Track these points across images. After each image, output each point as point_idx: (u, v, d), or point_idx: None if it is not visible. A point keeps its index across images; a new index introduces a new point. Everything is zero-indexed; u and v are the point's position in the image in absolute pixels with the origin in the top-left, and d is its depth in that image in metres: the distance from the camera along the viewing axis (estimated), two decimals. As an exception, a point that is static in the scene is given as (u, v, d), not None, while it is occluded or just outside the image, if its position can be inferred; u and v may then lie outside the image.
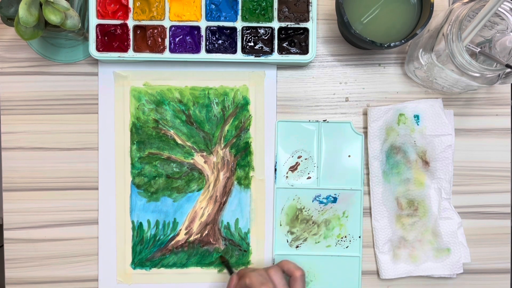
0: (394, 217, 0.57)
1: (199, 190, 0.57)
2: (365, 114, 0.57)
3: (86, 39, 0.55)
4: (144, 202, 0.57)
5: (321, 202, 0.57)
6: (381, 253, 0.56)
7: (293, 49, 0.54)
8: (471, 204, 0.58)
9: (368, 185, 0.57)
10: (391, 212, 0.57)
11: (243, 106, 0.57)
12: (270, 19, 0.54)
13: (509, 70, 0.45)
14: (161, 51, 0.54)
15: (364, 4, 0.51)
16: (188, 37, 0.54)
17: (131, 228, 0.57)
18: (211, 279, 0.57)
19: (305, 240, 0.57)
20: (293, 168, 0.57)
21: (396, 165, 0.57)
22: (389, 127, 0.56)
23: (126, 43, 0.54)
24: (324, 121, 0.57)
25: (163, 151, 0.57)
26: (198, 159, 0.57)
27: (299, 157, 0.57)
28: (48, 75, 0.56)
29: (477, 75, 0.47)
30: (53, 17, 0.45)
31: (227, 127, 0.57)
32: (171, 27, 0.54)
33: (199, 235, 0.57)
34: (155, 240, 0.57)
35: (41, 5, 0.45)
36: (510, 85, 0.59)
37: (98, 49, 0.53)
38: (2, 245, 0.60)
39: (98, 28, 0.53)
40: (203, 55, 0.54)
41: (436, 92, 0.57)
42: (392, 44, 0.49)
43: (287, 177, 0.57)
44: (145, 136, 0.56)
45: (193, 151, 0.57)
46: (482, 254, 0.58)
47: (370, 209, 0.57)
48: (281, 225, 0.57)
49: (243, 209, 0.57)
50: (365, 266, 0.57)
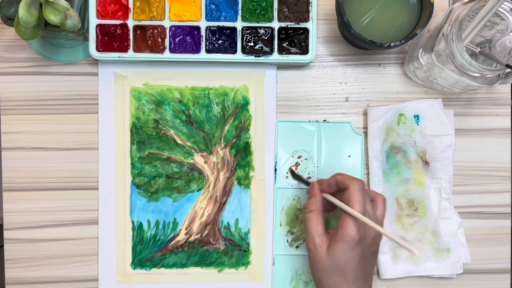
0: (394, 217, 0.57)
1: (199, 190, 0.57)
2: (365, 114, 0.57)
3: (86, 39, 0.55)
4: (144, 202, 0.57)
5: (321, 202, 0.57)
6: (381, 253, 0.56)
7: (293, 49, 0.54)
8: (471, 204, 0.58)
9: (368, 185, 0.57)
10: (391, 212, 0.57)
11: (243, 106, 0.57)
12: (270, 19, 0.54)
13: (509, 70, 0.45)
14: (161, 51, 0.54)
15: (364, 4, 0.51)
16: (188, 37, 0.54)
17: (131, 228, 0.57)
18: (211, 279, 0.57)
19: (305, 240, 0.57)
20: (294, 167, 0.57)
21: (396, 165, 0.57)
22: (389, 127, 0.56)
23: (126, 43, 0.54)
24: (324, 121, 0.57)
25: (163, 151, 0.57)
26: (198, 159, 0.57)
27: (299, 157, 0.57)
28: (48, 75, 0.56)
29: (477, 75, 0.47)
30: (53, 17, 0.45)
31: (227, 127, 0.57)
32: (171, 27, 0.54)
33: (199, 235, 0.57)
34: (155, 240, 0.57)
35: (41, 5, 0.45)
36: (510, 85, 0.59)
37: (98, 49, 0.53)
38: (2, 245, 0.60)
39: (98, 28, 0.53)
40: (203, 55, 0.54)
41: (436, 92, 0.57)
42: (392, 44, 0.49)
43: (287, 177, 0.57)
44: (145, 136, 0.56)
45: (193, 151, 0.57)
46: (482, 254, 0.58)
47: (370, 209, 0.57)
48: (281, 225, 0.57)
49: (243, 209, 0.57)
50: (365, 266, 0.57)
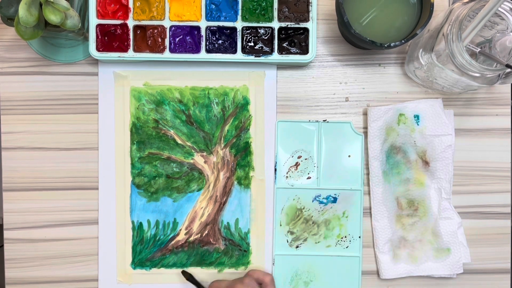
0: (394, 217, 0.57)
1: (199, 190, 0.57)
2: (365, 114, 0.57)
3: (86, 39, 0.55)
4: (144, 202, 0.57)
5: (321, 202, 0.57)
6: (381, 253, 0.56)
7: (293, 49, 0.54)
8: (471, 204, 0.58)
9: (368, 185, 0.57)
10: (391, 212, 0.57)
11: (243, 106, 0.57)
12: (270, 19, 0.54)
13: (509, 70, 0.45)
14: (161, 51, 0.54)
15: (364, 4, 0.51)
16: (188, 37, 0.54)
17: (131, 228, 0.57)
18: (211, 279, 0.57)
19: (305, 240, 0.57)
20: (294, 167, 0.57)
21: (396, 165, 0.57)
22: (389, 127, 0.56)
23: (126, 43, 0.54)
24: (324, 121, 0.57)
25: (163, 151, 0.57)
26: (198, 159, 0.57)
27: (299, 157, 0.57)
28: (48, 75, 0.56)
29: (477, 75, 0.47)
30: (53, 17, 0.45)
31: (227, 127, 0.57)
32: (171, 27, 0.54)
33: (199, 235, 0.57)
34: (155, 240, 0.57)
35: (41, 5, 0.45)
36: (510, 85, 0.59)
37: (98, 49, 0.53)
38: (2, 245, 0.60)
39: (98, 28, 0.53)
40: (203, 55, 0.54)
41: (436, 92, 0.57)
42: (392, 44, 0.49)
43: (287, 177, 0.57)
44: (145, 136, 0.56)
45: (193, 151, 0.57)
46: (482, 254, 0.58)
47: (370, 209, 0.57)
48: (281, 225, 0.57)
49: (243, 209, 0.57)
50: (365, 266, 0.57)
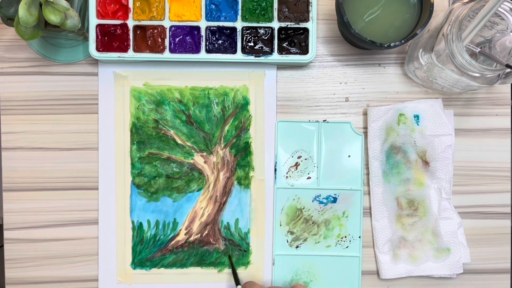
0: (394, 217, 0.57)
1: (199, 190, 0.57)
2: (365, 114, 0.57)
3: (86, 39, 0.55)
4: (144, 202, 0.57)
5: (321, 202, 0.57)
6: (381, 253, 0.56)
7: (293, 49, 0.54)
8: (471, 204, 0.58)
9: (368, 185, 0.57)
10: (391, 212, 0.57)
11: (243, 106, 0.57)
12: (270, 19, 0.54)
13: (509, 70, 0.45)
14: (161, 51, 0.54)
15: (364, 4, 0.51)
16: (188, 37, 0.54)
17: (131, 228, 0.57)
18: (211, 279, 0.57)
19: (305, 240, 0.57)
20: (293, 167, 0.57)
21: (396, 165, 0.57)
22: (389, 127, 0.56)
23: (126, 43, 0.54)
24: (324, 121, 0.57)
25: (163, 151, 0.57)
26: (198, 159, 0.57)
27: (299, 157, 0.57)
28: (48, 75, 0.56)
29: (477, 75, 0.47)
30: (53, 17, 0.45)
31: (227, 127, 0.57)
32: (171, 27, 0.54)
33: (199, 235, 0.57)
34: (155, 240, 0.57)
35: (41, 5, 0.45)
36: (510, 85, 0.59)
37: (98, 49, 0.53)
38: (2, 245, 0.60)
39: (98, 28, 0.53)
40: (203, 55, 0.54)
41: (436, 92, 0.57)
42: (392, 44, 0.49)
43: (287, 177, 0.57)
44: (145, 136, 0.56)
45: (193, 151, 0.57)
46: (482, 254, 0.58)
47: (370, 209, 0.57)
48: (281, 225, 0.57)
49: (243, 209, 0.57)
50: (365, 266, 0.57)
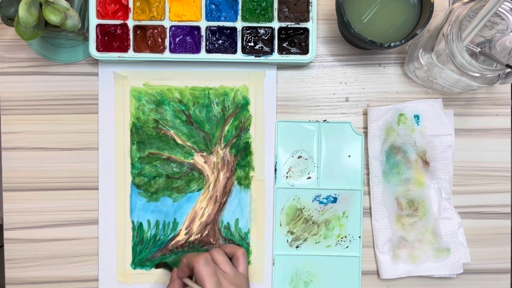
0: (394, 217, 0.57)
1: (199, 190, 0.57)
2: (365, 114, 0.57)
3: (86, 39, 0.55)
4: (144, 202, 0.57)
5: (321, 202, 0.57)
6: (381, 253, 0.56)
7: (293, 49, 0.54)
8: (471, 204, 0.58)
9: (368, 185, 0.57)
10: (391, 212, 0.57)
11: (243, 106, 0.57)
12: (270, 19, 0.54)
13: (509, 70, 0.45)
14: (161, 51, 0.54)
15: (364, 4, 0.51)
16: (188, 37, 0.54)
17: (131, 228, 0.57)
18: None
19: (305, 240, 0.57)
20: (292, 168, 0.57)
21: (396, 165, 0.57)
22: (389, 127, 0.56)
23: (126, 43, 0.54)
24: (324, 121, 0.57)
25: (163, 151, 0.57)
26: (198, 159, 0.57)
27: (299, 157, 0.57)
28: (48, 75, 0.56)
29: (477, 75, 0.47)
30: (53, 17, 0.45)
31: (227, 127, 0.57)
32: (171, 27, 0.54)
33: (199, 235, 0.57)
34: (155, 240, 0.57)
35: (41, 5, 0.45)
36: (510, 85, 0.59)
37: (98, 49, 0.53)
38: (2, 245, 0.60)
39: (98, 28, 0.53)
40: (203, 55, 0.54)
41: (436, 92, 0.57)
42: (392, 44, 0.49)
43: (287, 177, 0.57)
44: (145, 136, 0.56)
45: (193, 151, 0.57)
46: (482, 254, 0.58)
47: (370, 209, 0.57)
48: (281, 225, 0.57)
49: (243, 209, 0.57)
50: (365, 266, 0.57)
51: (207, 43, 0.54)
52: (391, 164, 0.57)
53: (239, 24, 0.54)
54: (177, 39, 0.54)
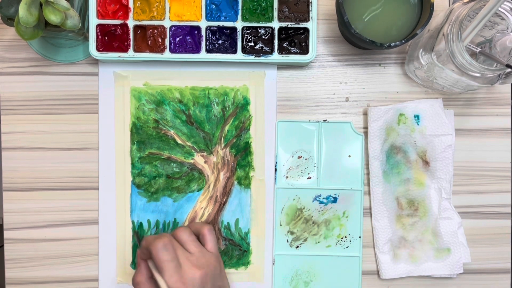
0: (394, 217, 0.57)
1: (199, 190, 0.57)
2: (365, 114, 0.57)
3: (86, 39, 0.55)
4: (144, 202, 0.57)
5: (321, 202, 0.57)
6: (381, 253, 0.56)
7: (293, 49, 0.54)
8: (471, 204, 0.58)
9: (368, 185, 0.57)
10: (391, 212, 0.57)
11: (243, 106, 0.57)
12: (270, 19, 0.54)
13: (509, 70, 0.45)
14: (161, 51, 0.54)
15: (364, 4, 0.51)
16: (188, 37, 0.54)
17: (131, 228, 0.57)
18: (211, 279, 0.57)
19: (305, 240, 0.57)
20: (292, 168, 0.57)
21: (396, 165, 0.57)
22: (389, 127, 0.56)
23: (126, 43, 0.54)
24: (324, 121, 0.57)
25: (163, 151, 0.56)
26: (198, 159, 0.57)
27: (299, 157, 0.57)
28: (48, 75, 0.56)
29: (477, 75, 0.47)
30: (53, 17, 0.45)
31: (227, 127, 0.57)
32: (171, 27, 0.54)
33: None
34: (155, 240, 0.57)
35: (41, 5, 0.45)
36: (510, 85, 0.59)
37: (98, 49, 0.53)
38: (2, 245, 0.60)
39: (98, 28, 0.53)
40: (203, 55, 0.54)
41: (436, 92, 0.57)
42: (392, 44, 0.49)
43: (287, 177, 0.57)
44: (145, 136, 0.56)
45: (193, 151, 0.57)
46: (482, 254, 0.58)
47: (370, 209, 0.57)
48: (281, 225, 0.57)
49: (243, 209, 0.57)
50: (365, 266, 0.57)
51: (207, 43, 0.54)
52: (391, 164, 0.57)
53: (239, 24, 0.54)
54: (177, 39, 0.54)
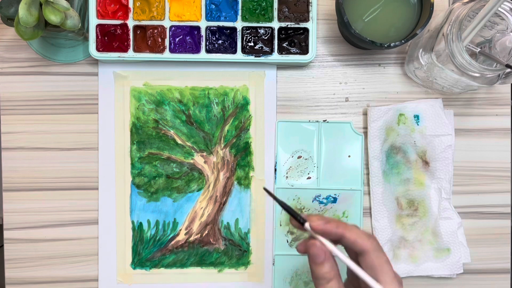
0: (394, 217, 0.57)
1: (199, 190, 0.57)
2: (365, 114, 0.57)
3: (86, 39, 0.55)
4: (144, 202, 0.57)
5: (321, 202, 0.57)
6: (381, 253, 0.56)
7: (293, 49, 0.54)
8: (471, 204, 0.58)
9: (368, 185, 0.57)
10: (391, 212, 0.57)
11: (243, 106, 0.57)
12: (270, 19, 0.54)
13: (509, 70, 0.45)
14: (161, 51, 0.54)
15: (364, 4, 0.51)
16: (188, 37, 0.54)
17: (131, 228, 0.57)
18: (211, 279, 0.57)
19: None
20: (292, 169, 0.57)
21: (396, 165, 0.57)
22: (389, 127, 0.56)
23: (126, 43, 0.54)
24: (324, 121, 0.57)
25: (163, 151, 0.57)
26: (198, 159, 0.57)
27: (299, 157, 0.57)
28: (48, 75, 0.56)
29: (477, 75, 0.47)
30: (53, 17, 0.45)
31: (227, 127, 0.57)
32: (171, 27, 0.54)
33: (199, 235, 0.57)
34: (155, 240, 0.57)
35: (41, 5, 0.45)
36: (510, 85, 0.59)
37: (98, 49, 0.53)
38: (2, 245, 0.60)
39: (98, 28, 0.53)
40: (203, 55, 0.54)
41: (436, 92, 0.57)
42: (392, 44, 0.49)
43: (287, 177, 0.57)
44: (145, 136, 0.56)
45: (193, 151, 0.57)
46: (482, 254, 0.58)
47: (370, 209, 0.57)
48: (281, 225, 0.57)
49: (243, 209, 0.57)
50: (365, 266, 0.57)
51: (207, 43, 0.54)
52: (391, 164, 0.57)
53: (239, 24, 0.54)
54: (177, 39, 0.54)
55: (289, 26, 0.54)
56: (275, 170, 0.57)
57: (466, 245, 0.57)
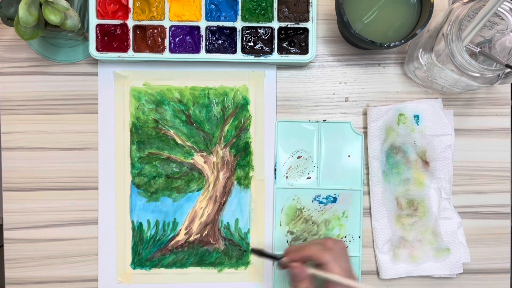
0: (394, 217, 0.57)
1: (199, 190, 0.57)
2: (365, 114, 0.57)
3: (86, 39, 0.55)
4: (144, 202, 0.57)
5: (321, 202, 0.57)
6: (381, 253, 0.56)
7: (293, 49, 0.54)
8: (471, 204, 0.58)
9: (368, 185, 0.57)
10: (391, 212, 0.57)
11: (243, 106, 0.57)
12: (270, 19, 0.54)
13: (508, 70, 0.45)
14: (161, 51, 0.54)
15: (364, 4, 0.51)
16: (188, 37, 0.54)
17: (131, 228, 0.57)
18: (211, 279, 0.57)
19: (305, 240, 0.57)
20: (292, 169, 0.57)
21: (396, 165, 0.57)
22: (389, 127, 0.56)
23: (126, 43, 0.54)
24: (324, 121, 0.57)
25: (163, 151, 0.57)
26: (198, 159, 0.57)
27: (299, 157, 0.57)
28: (48, 75, 0.56)
29: (477, 75, 0.47)
30: (53, 17, 0.45)
31: (227, 127, 0.57)
32: (171, 27, 0.54)
33: (199, 235, 0.57)
34: (155, 240, 0.57)
35: (41, 5, 0.45)
36: (510, 85, 0.59)
37: (98, 49, 0.53)
38: (2, 245, 0.60)
39: (98, 28, 0.53)
40: (203, 55, 0.54)
41: (436, 92, 0.57)
42: (392, 44, 0.49)
43: (287, 177, 0.57)
44: (145, 136, 0.56)
45: (193, 151, 0.57)
46: (482, 254, 0.58)
47: (370, 209, 0.57)
48: (281, 225, 0.57)
49: (243, 209, 0.57)
50: (365, 266, 0.57)
51: (207, 43, 0.54)
52: (391, 164, 0.57)
53: (239, 24, 0.54)
54: (176, 39, 0.54)
55: (289, 26, 0.54)
56: (275, 170, 0.57)
57: (466, 245, 0.57)
